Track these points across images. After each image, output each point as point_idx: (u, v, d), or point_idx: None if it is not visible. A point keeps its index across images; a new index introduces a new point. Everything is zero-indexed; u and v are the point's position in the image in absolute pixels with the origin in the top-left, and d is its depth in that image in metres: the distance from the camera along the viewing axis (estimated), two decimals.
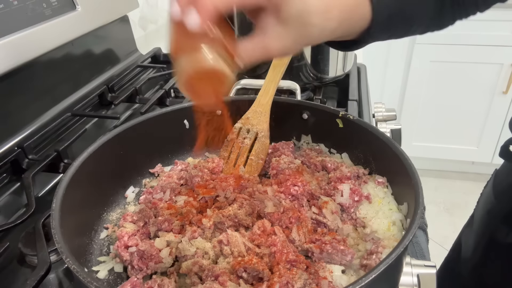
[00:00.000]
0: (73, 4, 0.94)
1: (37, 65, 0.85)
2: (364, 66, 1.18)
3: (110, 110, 1.00)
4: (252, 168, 0.70)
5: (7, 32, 0.76)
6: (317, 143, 0.74)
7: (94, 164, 0.59)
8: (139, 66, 1.18)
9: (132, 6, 1.20)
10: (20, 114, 0.83)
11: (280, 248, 0.51)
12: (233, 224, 0.57)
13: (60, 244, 0.44)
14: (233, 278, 0.48)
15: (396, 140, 0.71)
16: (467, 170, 2.62)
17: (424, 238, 0.87)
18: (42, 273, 0.51)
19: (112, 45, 1.14)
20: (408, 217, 0.55)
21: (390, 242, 0.53)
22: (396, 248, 0.42)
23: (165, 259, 0.53)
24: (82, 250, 0.55)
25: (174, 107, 0.72)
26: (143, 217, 0.59)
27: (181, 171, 0.70)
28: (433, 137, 2.55)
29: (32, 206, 0.63)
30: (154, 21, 1.58)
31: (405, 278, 0.47)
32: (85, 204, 0.57)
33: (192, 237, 0.55)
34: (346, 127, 0.68)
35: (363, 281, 0.38)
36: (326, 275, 0.49)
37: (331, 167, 0.67)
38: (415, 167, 0.53)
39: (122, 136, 0.65)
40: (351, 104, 0.92)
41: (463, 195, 2.44)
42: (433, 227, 1.05)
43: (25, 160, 0.77)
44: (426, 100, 2.44)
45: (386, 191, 0.62)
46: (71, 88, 0.99)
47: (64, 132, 0.90)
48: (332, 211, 0.58)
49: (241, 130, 0.72)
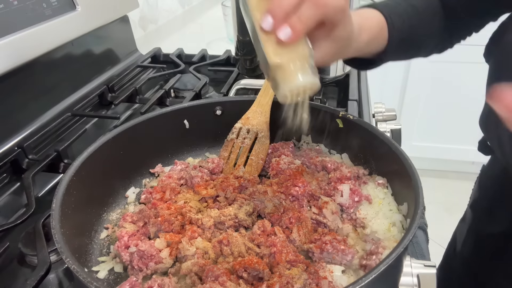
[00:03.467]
0: (73, 4, 0.94)
1: (37, 65, 0.85)
2: None
3: (110, 110, 1.00)
4: (252, 168, 0.70)
5: (7, 32, 0.76)
6: (317, 143, 0.74)
7: (94, 164, 0.59)
8: (139, 66, 1.18)
9: (132, 6, 1.20)
10: (20, 114, 0.83)
11: (280, 248, 0.51)
12: (233, 224, 0.57)
13: (60, 244, 0.45)
14: (233, 278, 0.48)
15: (396, 140, 0.71)
16: (467, 170, 2.61)
17: (424, 238, 0.87)
18: (42, 273, 0.51)
19: (112, 45, 1.14)
20: (408, 217, 0.55)
21: (390, 243, 0.53)
22: (396, 248, 0.42)
23: (165, 260, 0.53)
24: (82, 250, 0.55)
25: (174, 107, 0.72)
26: (143, 217, 0.59)
27: (181, 171, 0.70)
28: (433, 137, 2.54)
29: (32, 206, 0.63)
30: (154, 21, 1.58)
31: (405, 278, 0.47)
32: (85, 204, 0.57)
33: (192, 237, 0.55)
34: (346, 127, 0.68)
35: (363, 281, 0.38)
36: (326, 275, 0.49)
37: (331, 167, 0.66)
38: (415, 167, 0.53)
39: (122, 136, 0.65)
40: (351, 104, 0.92)
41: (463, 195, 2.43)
42: (433, 227, 1.05)
43: (25, 160, 0.77)
44: (426, 100, 2.44)
45: (386, 192, 0.62)
46: (71, 88, 0.99)
47: (64, 132, 0.89)
48: (332, 211, 0.58)
49: (241, 130, 0.72)
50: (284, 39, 0.43)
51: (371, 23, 0.60)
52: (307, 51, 0.45)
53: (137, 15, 1.44)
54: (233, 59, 1.20)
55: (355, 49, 0.55)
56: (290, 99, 0.46)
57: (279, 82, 0.45)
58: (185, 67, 1.15)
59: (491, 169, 0.84)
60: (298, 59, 0.44)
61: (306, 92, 0.46)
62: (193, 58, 1.22)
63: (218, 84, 1.09)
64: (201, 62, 1.19)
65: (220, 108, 0.74)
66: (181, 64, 1.16)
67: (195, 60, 1.21)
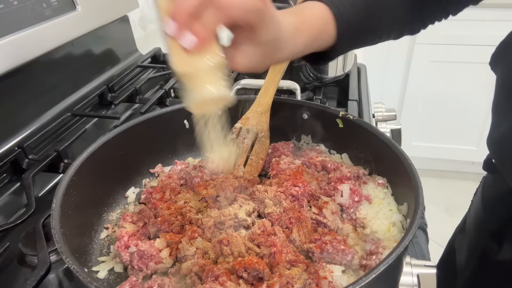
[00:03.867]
0: (73, 4, 0.94)
1: (37, 65, 0.85)
2: (364, 66, 1.18)
3: (110, 110, 1.00)
4: (252, 168, 0.70)
5: (7, 32, 0.76)
6: (317, 143, 0.74)
7: (94, 164, 0.59)
8: (139, 66, 1.18)
9: (132, 6, 1.20)
10: (20, 114, 0.83)
11: (280, 248, 0.51)
12: (233, 224, 0.57)
13: (60, 244, 0.44)
14: (233, 278, 0.48)
15: (396, 140, 0.71)
16: (467, 170, 2.62)
17: (424, 238, 0.87)
18: (42, 273, 0.51)
19: (112, 45, 1.14)
20: (408, 217, 0.55)
21: (390, 243, 0.53)
22: (396, 248, 0.42)
23: (165, 260, 0.53)
24: (82, 250, 0.55)
25: (174, 107, 0.72)
26: (143, 217, 0.59)
27: (181, 171, 0.70)
28: (433, 137, 2.54)
29: (32, 206, 0.63)
30: (154, 21, 1.58)
31: (405, 278, 0.47)
32: (85, 204, 0.57)
33: (192, 237, 0.55)
34: (346, 127, 0.68)
35: (363, 281, 0.38)
36: (326, 275, 0.49)
37: (331, 167, 0.66)
38: (415, 167, 0.53)
39: (122, 136, 0.65)
40: (351, 104, 0.92)
41: (463, 195, 2.42)
42: (433, 227, 1.05)
43: (25, 160, 0.77)
44: (426, 100, 2.44)
45: (386, 192, 0.62)
46: (71, 88, 0.99)
47: (64, 132, 0.89)
48: (332, 211, 0.58)
49: (241, 130, 0.72)
50: (189, 47, 0.39)
51: (311, 20, 0.52)
52: (217, 60, 0.40)
53: (137, 15, 1.44)
54: None
55: (290, 52, 0.49)
56: (199, 110, 0.44)
57: (188, 90, 0.42)
58: None
59: (495, 189, 0.77)
60: (206, 69, 0.40)
61: (218, 104, 0.43)
62: None
63: None
64: None
65: None
66: None
67: None
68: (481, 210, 0.80)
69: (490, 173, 0.76)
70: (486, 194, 0.80)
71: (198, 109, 0.44)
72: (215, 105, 0.43)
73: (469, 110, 2.39)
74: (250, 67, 0.46)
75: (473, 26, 2.10)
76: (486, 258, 0.77)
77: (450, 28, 2.18)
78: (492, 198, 0.78)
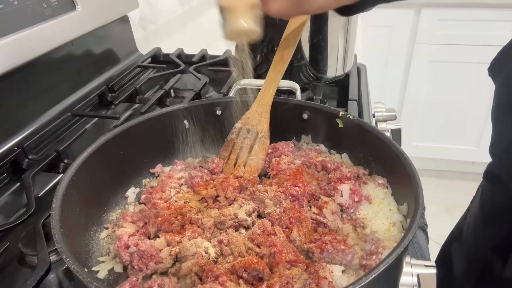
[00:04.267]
0: (73, 4, 0.94)
1: (37, 65, 0.85)
2: (364, 66, 1.18)
3: (110, 110, 1.00)
4: (252, 168, 0.70)
5: (7, 32, 0.76)
6: (317, 143, 0.74)
7: (94, 164, 0.59)
8: (139, 66, 1.18)
9: (132, 6, 1.20)
10: (20, 114, 0.83)
11: (280, 248, 0.51)
12: (233, 224, 0.57)
13: (60, 244, 0.45)
14: (233, 278, 0.48)
15: (396, 140, 0.71)
16: (467, 170, 2.62)
17: (424, 238, 0.87)
18: (42, 273, 0.51)
19: (112, 45, 1.14)
20: (408, 217, 0.55)
21: (390, 243, 0.53)
22: (396, 248, 0.42)
23: (165, 259, 0.53)
24: (82, 250, 0.55)
25: (174, 107, 0.72)
26: (143, 217, 0.59)
27: (181, 171, 0.70)
28: (433, 137, 2.55)
29: (32, 206, 0.63)
30: (154, 21, 1.58)
31: (405, 278, 0.47)
32: (85, 204, 0.57)
33: (192, 237, 0.55)
34: (346, 127, 0.68)
35: (363, 281, 0.38)
36: (326, 275, 0.49)
37: (331, 167, 0.66)
38: (415, 167, 0.53)
39: (122, 136, 0.65)
40: (351, 104, 0.92)
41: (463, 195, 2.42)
42: (433, 227, 1.05)
43: (25, 160, 0.77)
44: (426, 100, 2.44)
45: (386, 192, 0.62)
46: (71, 88, 0.99)
47: (64, 132, 0.89)
48: (332, 211, 0.58)
49: (241, 130, 0.72)
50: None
51: None
52: (254, 1, 0.49)
53: (137, 15, 1.44)
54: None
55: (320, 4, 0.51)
56: (231, 38, 0.52)
57: (224, 22, 0.51)
58: (185, 67, 1.15)
59: (496, 202, 0.76)
60: (243, 6, 0.49)
61: (248, 36, 0.51)
62: (193, 58, 1.22)
63: (218, 84, 1.09)
64: (201, 62, 1.19)
65: (220, 108, 0.74)
66: (181, 64, 1.16)
67: (195, 60, 1.21)
68: (480, 221, 0.79)
69: (492, 184, 0.75)
70: (485, 205, 0.79)
71: (231, 38, 0.52)
72: (245, 36, 0.52)
73: (469, 110, 2.39)
74: (281, 13, 0.50)
75: (473, 26, 2.10)
76: (490, 273, 0.75)
77: (450, 28, 2.18)
78: (493, 211, 0.76)
